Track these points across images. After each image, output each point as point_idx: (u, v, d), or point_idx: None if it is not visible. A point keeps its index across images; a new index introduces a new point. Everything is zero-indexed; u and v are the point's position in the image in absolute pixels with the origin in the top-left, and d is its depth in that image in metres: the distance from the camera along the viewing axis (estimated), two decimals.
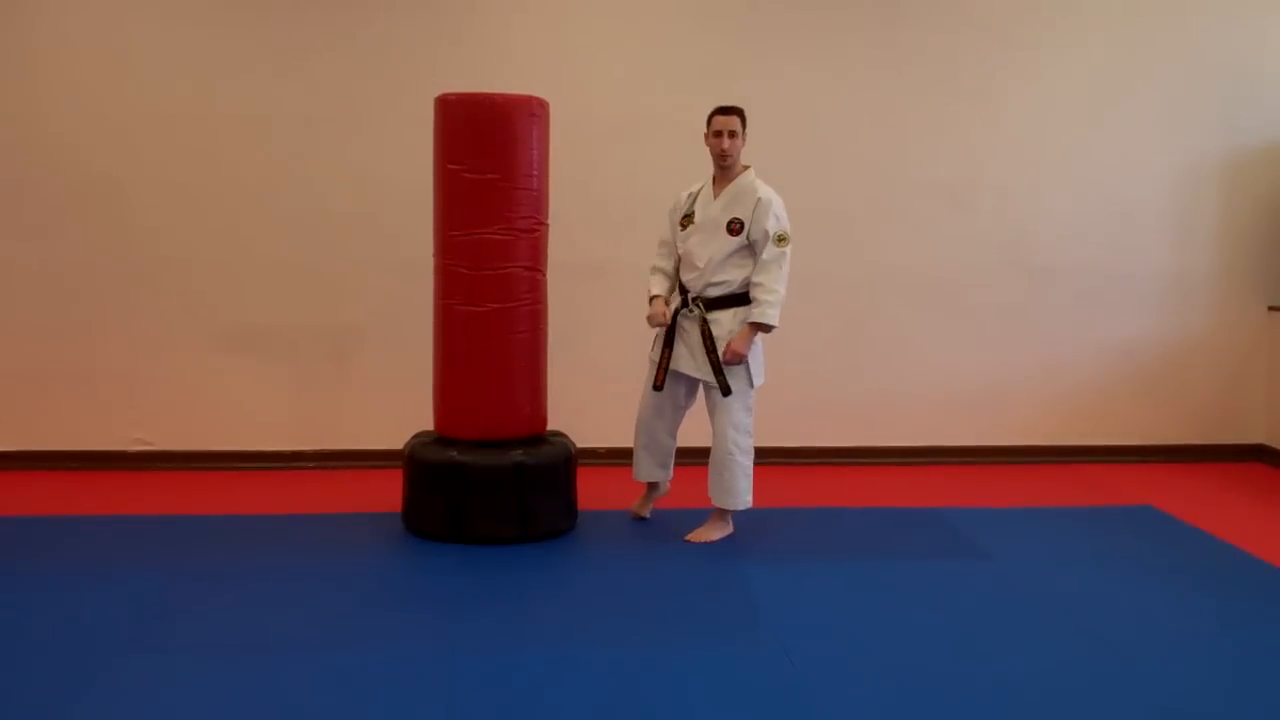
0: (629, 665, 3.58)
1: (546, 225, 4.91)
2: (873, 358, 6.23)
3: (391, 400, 5.98)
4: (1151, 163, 6.46)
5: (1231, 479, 6.23)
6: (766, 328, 4.68)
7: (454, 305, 4.80)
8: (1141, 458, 6.56)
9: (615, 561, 4.63)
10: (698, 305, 4.78)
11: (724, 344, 4.70)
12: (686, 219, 4.85)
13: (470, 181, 4.71)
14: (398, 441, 5.18)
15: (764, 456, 5.17)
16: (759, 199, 4.68)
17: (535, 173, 4.79)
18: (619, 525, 5.08)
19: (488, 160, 4.70)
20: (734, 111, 4.73)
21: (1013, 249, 6.41)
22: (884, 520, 5.24)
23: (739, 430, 4.79)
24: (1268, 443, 6.63)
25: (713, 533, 4.90)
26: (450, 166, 4.76)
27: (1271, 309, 6.58)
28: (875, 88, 6.24)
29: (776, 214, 4.67)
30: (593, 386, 6.12)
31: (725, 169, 4.77)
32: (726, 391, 4.73)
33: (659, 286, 4.92)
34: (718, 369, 4.72)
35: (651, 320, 4.88)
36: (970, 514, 5.36)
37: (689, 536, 4.88)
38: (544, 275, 4.93)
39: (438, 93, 4.85)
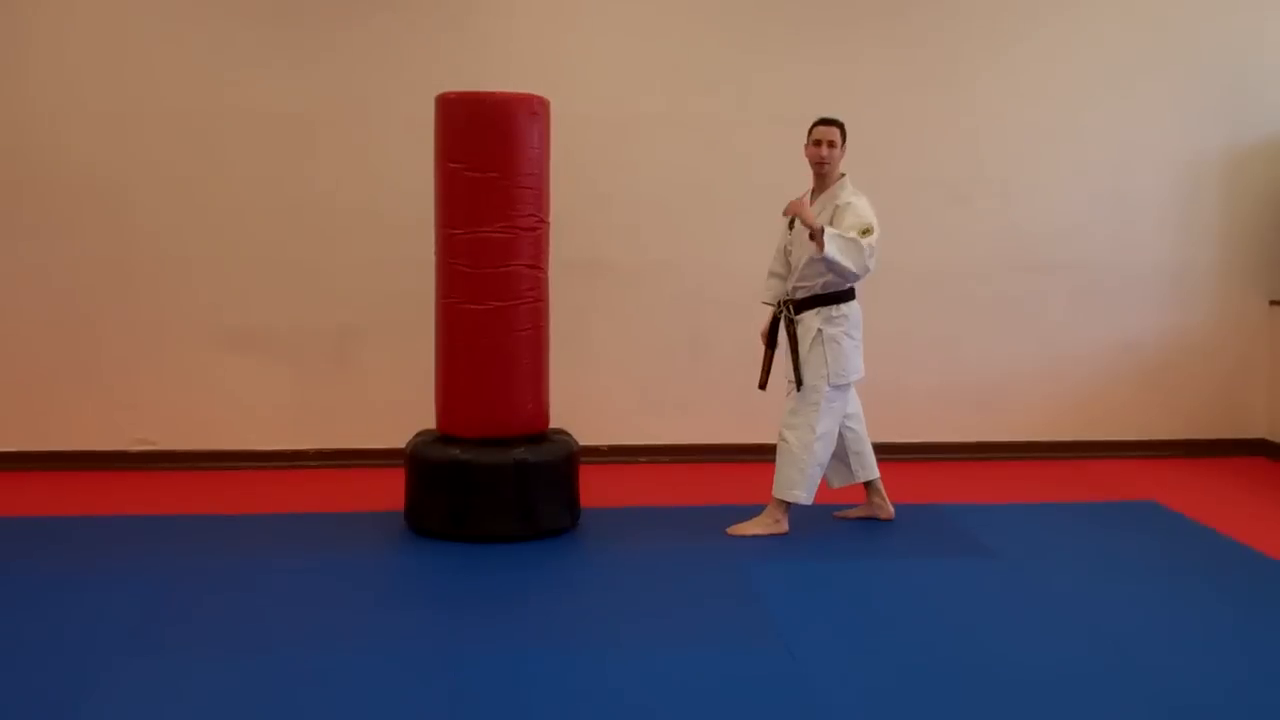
0: (632, 663, 3.58)
1: (547, 223, 4.90)
2: (874, 354, 6.19)
3: (393, 399, 5.97)
4: (1152, 158, 6.46)
5: (1234, 474, 6.23)
6: (820, 239, 4.58)
7: (456, 303, 4.80)
8: (1143, 453, 6.56)
9: (618, 559, 4.63)
10: (788, 306, 4.90)
11: (806, 344, 4.81)
12: (791, 223, 4.96)
13: (471, 180, 4.71)
14: (400, 440, 5.17)
15: (763, 453, 5.16)
16: (840, 205, 4.76)
17: (536, 171, 4.79)
18: (621, 523, 5.08)
19: (489, 158, 4.69)
20: (834, 123, 4.84)
21: (1014, 245, 6.41)
22: None
23: (797, 418, 4.85)
24: (1270, 437, 6.62)
25: (752, 527, 4.91)
26: (451, 165, 4.75)
27: (1273, 303, 6.57)
28: (875, 85, 6.23)
29: (857, 212, 4.72)
30: (595, 384, 6.13)
31: (821, 177, 4.88)
32: (799, 385, 4.84)
33: (769, 293, 5.04)
34: (796, 366, 4.84)
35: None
36: (973, 510, 5.36)
37: (731, 529, 4.90)
38: (545, 273, 4.92)
39: (438, 91, 4.85)
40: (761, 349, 5.06)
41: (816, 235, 4.62)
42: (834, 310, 4.85)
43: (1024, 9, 6.31)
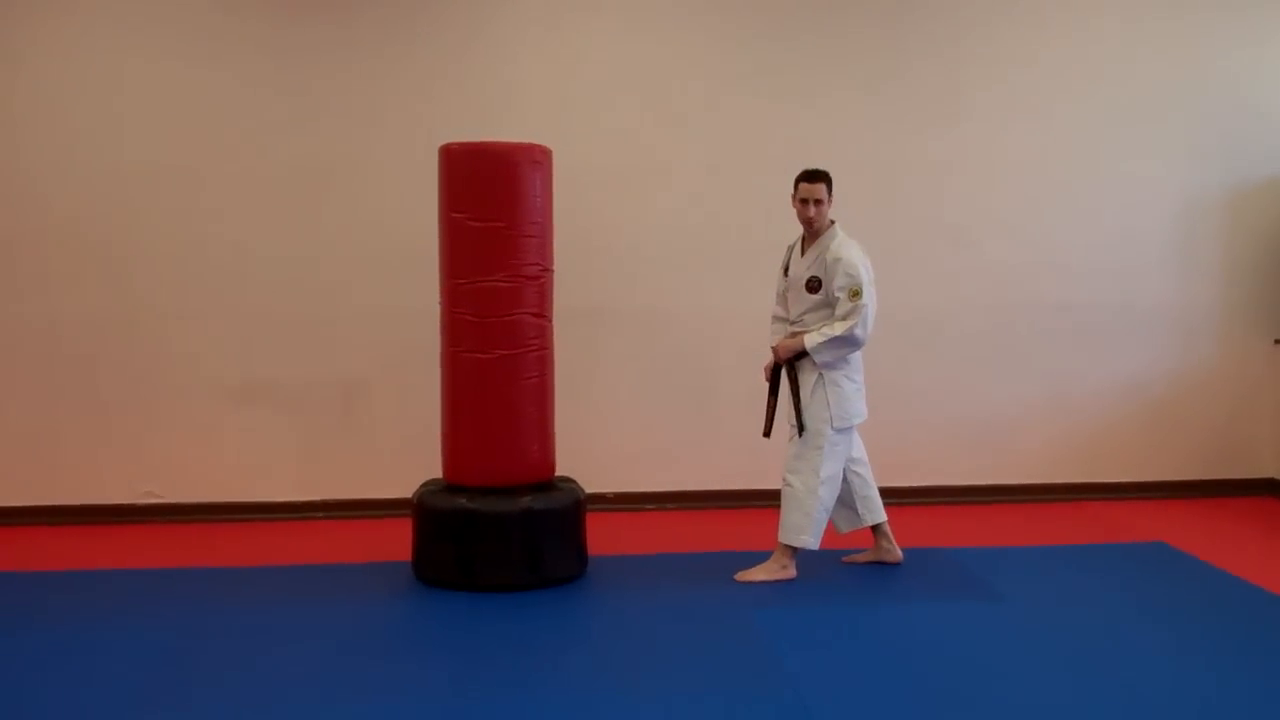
0: (642, 711, 3.56)
1: (551, 271, 4.94)
2: (878, 397, 6.22)
3: (400, 449, 5.99)
4: (1154, 197, 6.49)
5: (1243, 513, 6.21)
6: (802, 350, 4.81)
7: (461, 353, 4.82)
8: (1151, 494, 6.54)
9: (626, 607, 4.61)
10: None
11: (808, 388, 4.85)
12: (785, 271, 5.03)
13: (475, 230, 4.75)
14: (407, 490, 5.18)
15: (769, 499, 5.16)
16: (832, 259, 4.81)
17: (539, 219, 4.83)
18: (629, 570, 5.06)
19: (492, 208, 4.73)
20: (819, 179, 4.85)
21: (1017, 286, 6.43)
22: None
23: (801, 462, 4.87)
24: (1277, 476, 6.61)
25: (760, 573, 4.90)
26: (455, 215, 4.79)
27: (1277, 342, 6.58)
28: (877, 128, 6.28)
29: (846, 271, 4.76)
30: (600, 431, 6.13)
31: (813, 233, 4.92)
32: (801, 430, 4.86)
33: (775, 338, 5.06)
34: (797, 410, 4.86)
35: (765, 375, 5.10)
36: (981, 554, 5.34)
37: (738, 576, 4.89)
38: (550, 321, 4.95)
39: (441, 143, 4.90)
40: (766, 394, 5.06)
41: (807, 355, 4.80)
42: None
43: (1025, 52, 6.36)
